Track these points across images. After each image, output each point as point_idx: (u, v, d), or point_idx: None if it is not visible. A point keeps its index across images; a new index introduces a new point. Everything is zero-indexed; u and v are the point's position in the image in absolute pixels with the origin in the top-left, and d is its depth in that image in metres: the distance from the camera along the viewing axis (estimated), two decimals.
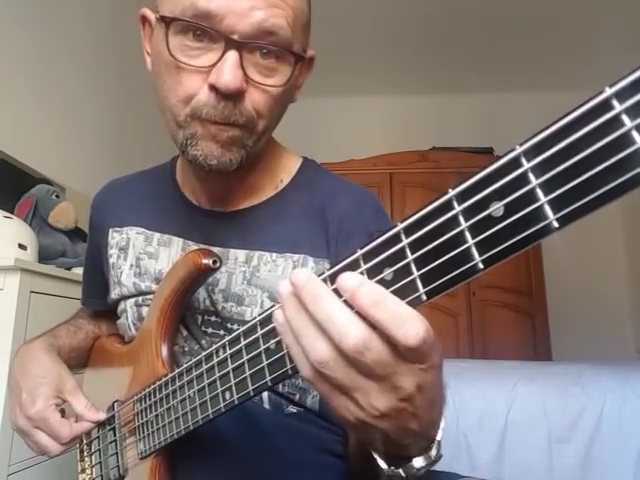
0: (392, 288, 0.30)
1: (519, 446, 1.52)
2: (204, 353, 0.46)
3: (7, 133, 1.75)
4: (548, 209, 0.24)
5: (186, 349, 0.63)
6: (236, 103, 0.51)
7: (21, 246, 1.35)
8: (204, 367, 0.46)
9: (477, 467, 1.50)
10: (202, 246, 0.63)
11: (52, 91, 2.07)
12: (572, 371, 1.73)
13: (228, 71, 0.49)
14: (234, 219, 0.64)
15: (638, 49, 3.03)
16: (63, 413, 0.64)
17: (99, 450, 0.66)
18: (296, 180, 0.67)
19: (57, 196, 1.70)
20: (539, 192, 0.25)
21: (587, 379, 1.63)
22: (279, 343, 0.37)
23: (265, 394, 0.59)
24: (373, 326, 0.29)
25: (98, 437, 0.66)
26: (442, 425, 0.37)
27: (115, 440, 0.62)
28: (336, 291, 0.31)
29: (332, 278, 0.33)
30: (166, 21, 0.50)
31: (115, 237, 0.70)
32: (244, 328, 0.41)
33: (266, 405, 0.60)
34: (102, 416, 0.63)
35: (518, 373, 1.72)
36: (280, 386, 0.59)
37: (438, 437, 0.37)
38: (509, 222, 0.26)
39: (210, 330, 0.62)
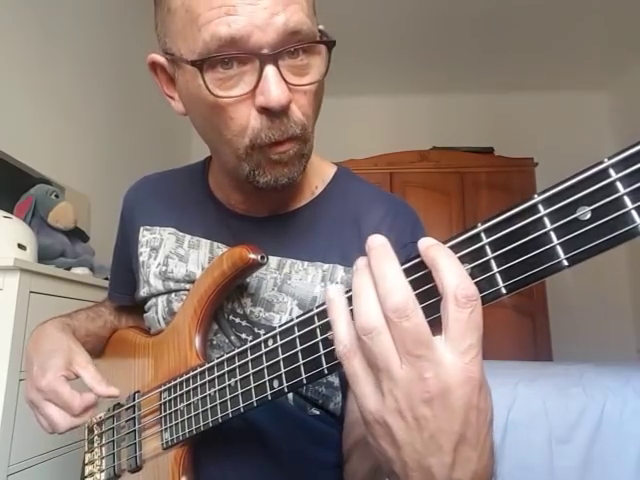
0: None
1: (519, 446, 1.52)
2: (250, 344, 0.48)
3: (6, 133, 1.75)
4: (636, 215, 0.27)
5: (215, 342, 0.63)
6: (288, 115, 0.50)
7: (20, 246, 1.35)
8: (249, 357, 0.47)
9: None
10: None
11: (51, 91, 2.07)
12: (573, 371, 1.73)
13: (275, 88, 0.47)
14: (267, 225, 0.64)
15: (636, 49, 3.03)
16: None
17: (113, 441, 0.66)
18: (330, 188, 0.67)
19: (56, 196, 1.70)
20: (627, 199, 0.28)
21: (588, 379, 1.63)
22: None
23: (290, 395, 0.60)
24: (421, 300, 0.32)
25: (112, 428, 0.66)
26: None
27: (134, 430, 0.62)
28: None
29: (407, 272, 0.34)
30: (198, 64, 0.47)
31: (146, 235, 0.70)
32: (298, 320, 0.42)
33: (291, 404, 0.61)
34: (113, 391, 0.62)
35: (519, 373, 1.72)
36: (303, 391, 0.60)
37: None
38: (596, 225, 0.29)
39: (234, 330, 0.62)
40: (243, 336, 0.61)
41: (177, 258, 0.66)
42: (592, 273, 3.28)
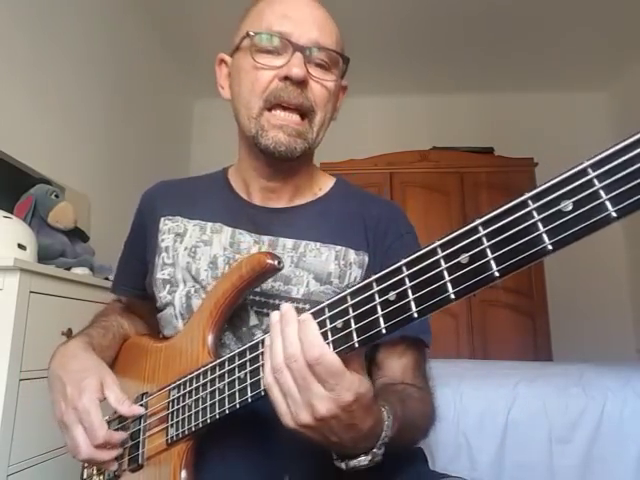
0: (467, 269, 0.38)
1: (520, 447, 1.52)
2: (261, 337, 0.51)
3: (6, 133, 1.75)
4: (609, 204, 0.32)
5: (222, 341, 0.66)
6: (302, 89, 0.66)
7: (20, 246, 1.35)
8: (260, 350, 0.51)
9: (477, 468, 1.50)
10: (252, 235, 0.72)
11: (51, 91, 2.07)
12: (573, 371, 1.72)
13: (297, 64, 0.65)
14: (282, 214, 0.74)
15: (636, 49, 3.03)
16: None
17: None
18: (332, 192, 0.79)
19: (56, 196, 1.71)
20: (602, 192, 0.33)
21: (588, 379, 1.62)
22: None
23: None
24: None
25: (117, 429, 0.66)
26: (383, 435, 0.50)
27: (139, 429, 0.63)
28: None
29: (408, 265, 0.42)
30: (250, 35, 0.68)
31: (168, 224, 0.76)
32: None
33: None
34: (136, 410, 0.63)
35: (519, 373, 1.72)
36: None
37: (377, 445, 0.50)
38: (576, 214, 0.34)
39: (255, 308, 0.68)
40: (265, 310, 0.67)
41: (202, 244, 0.72)
42: (592, 273, 3.28)
